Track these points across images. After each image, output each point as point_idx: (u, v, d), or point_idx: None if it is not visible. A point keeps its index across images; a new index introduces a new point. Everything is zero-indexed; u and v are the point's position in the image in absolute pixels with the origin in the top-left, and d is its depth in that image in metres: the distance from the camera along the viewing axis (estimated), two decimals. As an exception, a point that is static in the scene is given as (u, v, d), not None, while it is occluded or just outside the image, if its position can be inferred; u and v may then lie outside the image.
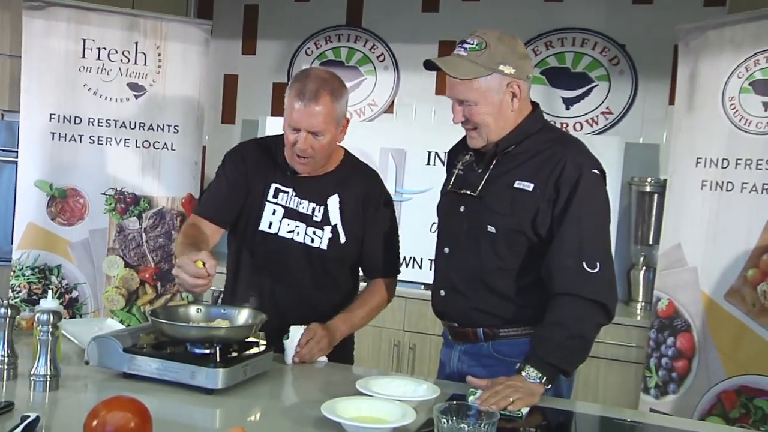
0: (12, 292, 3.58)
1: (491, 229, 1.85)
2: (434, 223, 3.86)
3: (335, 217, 2.11)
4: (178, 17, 3.88)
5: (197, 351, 1.72)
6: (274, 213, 2.09)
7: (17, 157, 3.60)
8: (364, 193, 2.15)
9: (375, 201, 2.16)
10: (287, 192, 2.11)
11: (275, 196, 2.10)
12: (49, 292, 1.77)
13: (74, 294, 3.65)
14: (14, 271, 3.58)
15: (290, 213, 2.09)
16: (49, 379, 1.57)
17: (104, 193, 3.67)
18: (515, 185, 1.83)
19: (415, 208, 3.92)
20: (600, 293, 1.75)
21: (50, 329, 1.57)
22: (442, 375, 2.03)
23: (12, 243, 3.63)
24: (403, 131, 4.07)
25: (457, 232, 1.94)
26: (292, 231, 2.09)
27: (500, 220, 1.84)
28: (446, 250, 1.97)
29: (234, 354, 1.76)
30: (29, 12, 3.53)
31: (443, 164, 3.92)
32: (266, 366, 1.82)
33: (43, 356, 1.57)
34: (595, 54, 3.87)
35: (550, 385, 1.72)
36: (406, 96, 4.23)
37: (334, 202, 2.11)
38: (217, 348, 1.68)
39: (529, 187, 1.82)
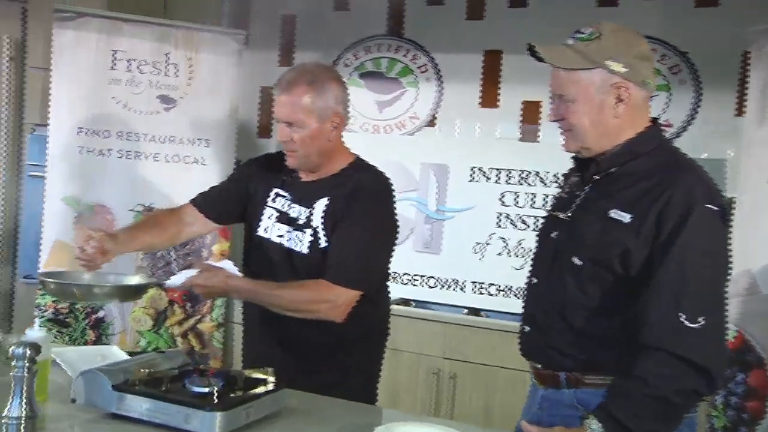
0: (38, 311, 3.47)
1: (577, 261, 1.60)
2: (477, 243, 3.73)
3: (317, 220, 1.97)
4: (210, 27, 3.74)
5: (195, 389, 1.52)
6: (270, 217, 2.06)
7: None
8: (349, 194, 1.96)
9: (354, 201, 1.95)
10: (284, 196, 2.06)
11: (274, 200, 2.07)
12: (36, 320, 1.60)
13: (100, 314, 3.52)
14: (40, 290, 3.46)
15: (282, 217, 2.04)
16: (24, 421, 1.38)
17: (132, 210, 3.53)
18: (610, 214, 1.56)
19: (458, 227, 3.68)
20: (699, 353, 1.44)
21: (26, 365, 1.38)
22: (526, 418, 1.75)
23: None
24: (446, 146, 3.84)
25: (545, 261, 1.70)
26: (282, 236, 2.03)
27: (586, 252, 1.59)
28: (534, 280, 1.74)
29: (238, 393, 1.55)
30: (60, 23, 3.45)
31: (488, 180, 3.71)
32: (274, 407, 1.60)
33: (17, 396, 1.38)
34: (654, 62, 3.58)
35: None
36: (449, 109, 3.99)
37: (321, 204, 1.98)
38: (215, 388, 1.47)
39: (626, 218, 1.54)
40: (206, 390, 1.50)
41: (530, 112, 3.81)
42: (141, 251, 2.14)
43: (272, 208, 2.06)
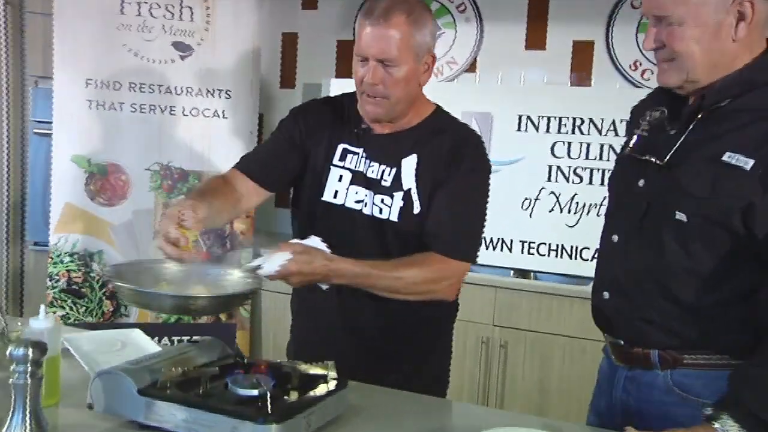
0: (50, 281, 3.19)
1: (681, 216, 1.31)
2: (526, 198, 3.41)
3: (409, 181, 1.66)
4: (228, -36, 3.38)
5: (242, 392, 1.22)
6: (340, 179, 1.71)
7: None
8: (449, 153, 1.66)
9: (457, 161, 1.66)
10: (357, 153, 1.71)
11: (342, 158, 1.72)
12: (42, 306, 1.29)
13: (118, 283, 3.24)
14: (52, 258, 3.18)
15: (358, 178, 1.70)
16: (29, 440, 1.10)
17: (148, 169, 3.23)
18: (725, 158, 1.27)
19: (504, 180, 3.34)
20: None
21: (29, 369, 1.09)
22: (602, 402, 1.50)
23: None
24: (488, 93, 3.50)
25: (632, 214, 1.40)
26: (361, 201, 1.69)
27: (695, 205, 1.29)
28: (615, 238, 1.45)
29: (293, 395, 1.26)
30: (61, -38, 3.11)
31: (536, 130, 3.37)
32: (338, 410, 1.31)
33: (19, 409, 1.09)
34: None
35: None
36: (491, 52, 3.66)
37: (410, 163, 1.67)
38: (266, 390, 1.17)
39: (747, 164, 1.25)
40: (255, 392, 1.20)
41: (582, 54, 3.52)
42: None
43: (342, 167, 1.71)
